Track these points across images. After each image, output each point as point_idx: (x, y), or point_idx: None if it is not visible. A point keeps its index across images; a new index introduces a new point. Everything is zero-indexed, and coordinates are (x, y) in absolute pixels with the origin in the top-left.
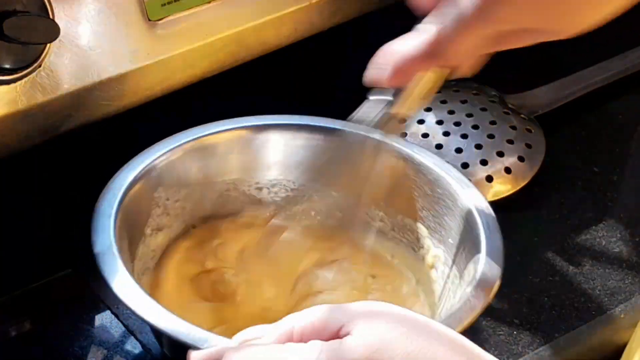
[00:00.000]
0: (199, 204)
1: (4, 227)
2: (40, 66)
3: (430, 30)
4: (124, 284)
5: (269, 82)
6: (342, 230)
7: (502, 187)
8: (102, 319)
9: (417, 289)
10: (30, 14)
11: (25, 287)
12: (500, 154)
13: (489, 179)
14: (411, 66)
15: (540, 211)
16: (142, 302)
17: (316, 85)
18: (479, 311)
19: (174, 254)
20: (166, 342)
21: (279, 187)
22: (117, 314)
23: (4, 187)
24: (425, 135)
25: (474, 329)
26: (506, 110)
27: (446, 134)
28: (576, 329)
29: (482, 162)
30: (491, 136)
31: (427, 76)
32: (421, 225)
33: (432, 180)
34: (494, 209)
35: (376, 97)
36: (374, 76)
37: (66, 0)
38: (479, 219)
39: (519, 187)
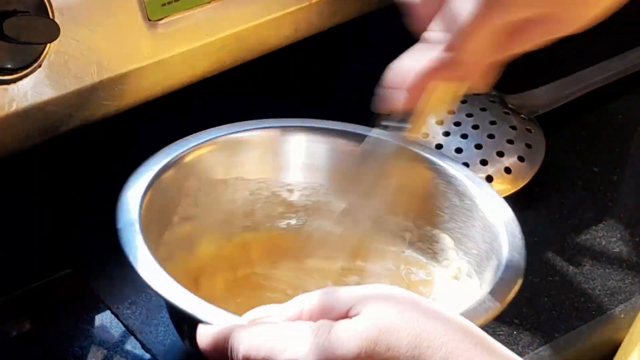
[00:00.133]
0: (229, 200)
1: (4, 227)
2: (40, 66)
3: (438, 38)
4: (142, 259)
5: (269, 82)
6: (370, 239)
7: (502, 187)
8: (102, 319)
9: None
10: (30, 14)
11: (25, 287)
12: (500, 154)
13: (489, 179)
14: (424, 82)
15: (540, 211)
16: (158, 277)
17: (316, 85)
18: (494, 312)
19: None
20: (178, 318)
21: (310, 191)
22: (117, 314)
23: (4, 187)
24: (425, 135)
25: None
26: (506, 110)
27: (446, 134)
28: (576, 329)
29: (482, 162)
30: (491, 136)
31: (439, 91)
32: (447, 236)
33: (462, 191)
34: None
35: (387, 122)
36: (389, 102)
37: (66, 0)
38: (504, 231)
39: (519, 187)
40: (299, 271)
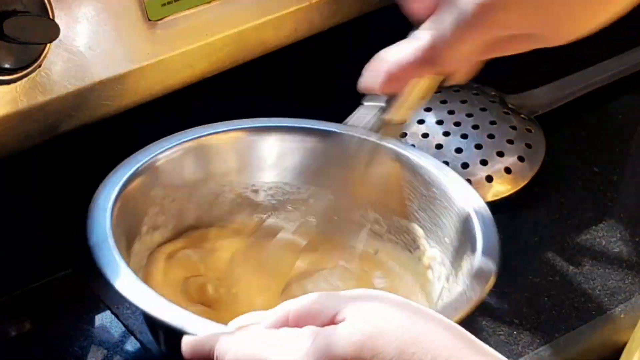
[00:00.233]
0: (195, 205)
1: (4, 227)
2: (40, 66)
3: (425, 37)
4: (120, 274)
5: (269, 82)
6: (337, 233)
7: (502, 187)
8: (102, 319)
9: (414, 290)
10: (30, 14)
11: (25, 287)
12: (500, 154)
13: (489, 179)
14: (405, 73)
15: (540, 211)
16: (136, 290)
17: (316, 85)
18: (475, 302)
19: (163, 254)
20: (160, 331)
21: (275, 190)
22: (117, 314)
23: (4, 187)
24: (425, 135)
25: (474, 330)
26: (506, 110)
27: (446, 134)
28: (576, 329)
29: (482, 162)
30: (491, 136)
31: (421, 83)
32: (417, 226)
33: (429, 180)
34: (494, 209)
35: (371, 102)
36: (367, 83)
37: (66, 0)
38: (475, 218)
39: (519, 187)
40: (262, 271)
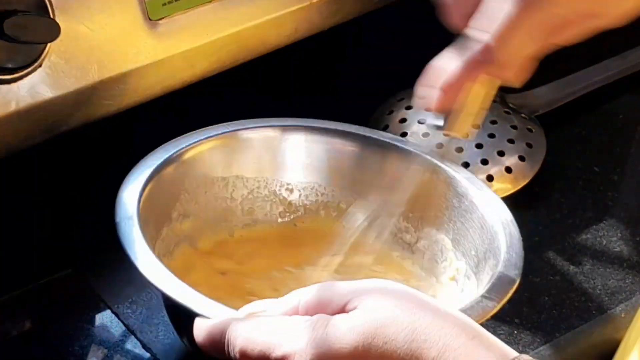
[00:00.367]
0: (229, 198)
1: (4, 227)
2: (40, 66)
3: (475, 35)
4: (140, 252)
5: (269, 82)
6: (367, 239)
7: (503, 187)
8: (102, 319)
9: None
10: (30, 13)
11: (25, 287)
12: (500, 154)
13: (490, 179)
14: (460, 79)
15: (540, 211)
16: (155, 270)
17: (316, 85)
18: (491, 311)
19: (193, 248)
20: (173, 311)
21: (310, 191)
22: (117, 314)
23: (4, 187)
24: (425, 134)
25: None
26: (507, 109)
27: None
28: (576, 328)
29: (483, 162)
30: (492, 135)
31: (478, 91)
32: (446, 237)
33: (461, 193)
34: None
35: (428, 121)
36: (423, 102)
37: (66, 0)
38: (502, 232)
39: (520, 187)
40: (291, 272)
